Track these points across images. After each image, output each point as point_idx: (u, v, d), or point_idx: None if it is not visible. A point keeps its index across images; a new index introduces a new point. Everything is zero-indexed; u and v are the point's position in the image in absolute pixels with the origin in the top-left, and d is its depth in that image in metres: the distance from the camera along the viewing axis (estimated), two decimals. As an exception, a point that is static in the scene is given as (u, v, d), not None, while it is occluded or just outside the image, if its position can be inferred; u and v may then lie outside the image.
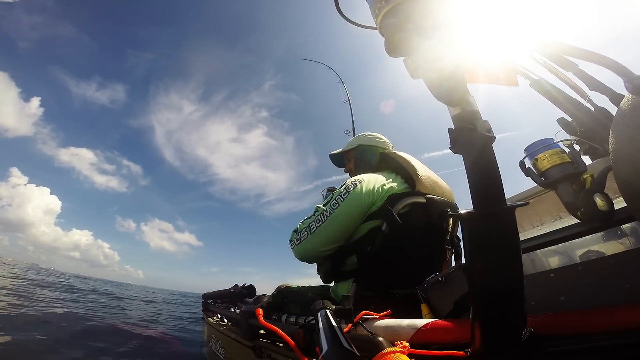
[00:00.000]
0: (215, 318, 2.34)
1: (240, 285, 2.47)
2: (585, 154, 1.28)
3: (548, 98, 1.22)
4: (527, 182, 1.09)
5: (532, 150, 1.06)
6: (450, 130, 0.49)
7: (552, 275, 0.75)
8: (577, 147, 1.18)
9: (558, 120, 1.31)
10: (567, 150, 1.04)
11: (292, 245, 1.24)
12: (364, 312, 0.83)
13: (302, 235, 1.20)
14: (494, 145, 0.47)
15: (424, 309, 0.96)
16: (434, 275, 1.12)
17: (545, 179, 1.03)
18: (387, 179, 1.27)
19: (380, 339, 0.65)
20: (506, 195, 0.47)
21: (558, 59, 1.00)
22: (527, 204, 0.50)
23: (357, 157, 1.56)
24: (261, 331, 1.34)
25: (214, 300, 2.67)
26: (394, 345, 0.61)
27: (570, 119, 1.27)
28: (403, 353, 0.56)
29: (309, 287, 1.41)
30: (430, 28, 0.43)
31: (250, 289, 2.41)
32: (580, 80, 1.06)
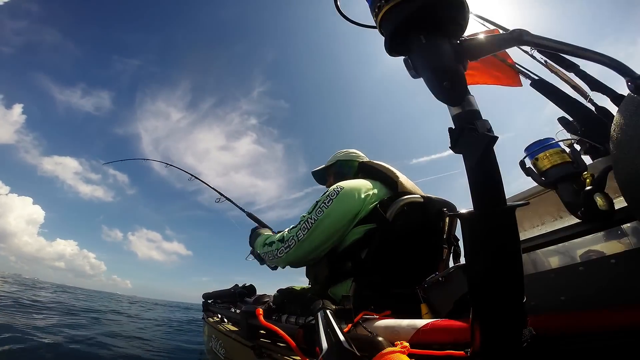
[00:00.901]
0: (215, 318, 2.34)
1: (240, 285, 2.47)
2: (585, 153, 1.28)
3: (549, 98, 1.22)
4: (526, 181, 1.09)
5: (533, 150, 1.06)
6: (450, 130, 0.48)
7: (552, 275, 0.74)
8: (578, 147, 1.18)
9: (559, 119, 1.31)
10: (568, 149, 1.04)
11: (280, 253, 1.26)
12: (363, 312, 0.83)
13: (290, 243, 1.23)
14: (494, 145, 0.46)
15: (424, 308, 0.96)
16: (433, 275, 1.12)
17: (545, 179, 1.03)
18: (369, 184, 1.30)
19: (381, 339, 0.65)
20: (506, 195, 0.47)
21: (559, 58, 1.00)
22: (528, 204, 0.50)
23: (336, 172, 1.65)
24: (261, 331, 1.34)
25: (214, 300, 2.68)
26: (394, 345, 0.61)
27: (570, 119, 1.27)
28: (403, 353, 0.56)
29: (310, 288, 1.41)
30: (431, 28, 0.43)
31: (250, 289, 2.41)
32: (582, 80, 1.05)
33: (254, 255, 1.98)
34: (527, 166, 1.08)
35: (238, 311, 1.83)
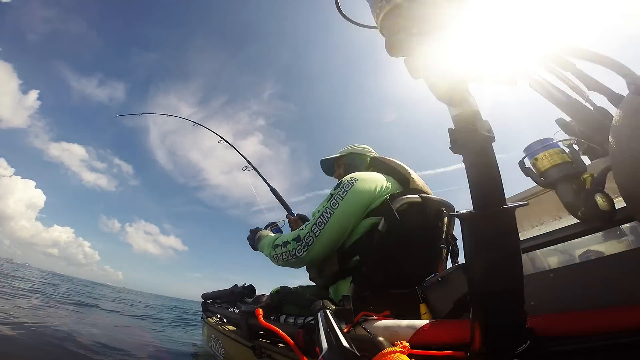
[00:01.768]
0: (215, 318, 2.34)
1: (240, 285, 2.47)
2: (584, 153, 1.28)
3: (547, 98, 1.23)
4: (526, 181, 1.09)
5: (532, 150, 1.06)
6: (450, 130, 0.48)
7: (552, 275, 0.75)
8: (577, 147, 1.18)
9: (557, 120, 1.31)
10: (567, 150, 1.04)
11: (300, 252, 1.19)
12: (363, 313, 0.83)
13: (308, 241, 1.18)
14: (494, 145, 0.47)
15: (423, 309, 0.97)
16: (433, 275, 1.12)
17: (545, 179, 1.03)
18: (382, 177, 1.29)
19: (381, 339, 0.65)
20: (506, 195, 0.47)
21: (557, 58, 1.00)
22: (527, 204, 0.50)
23: (347, 164, 1.63)
24: (261, 331, 1.34)
25: (213, 301, 2.67)
26: (393, 345, 0.61)
27: (569, 119, 1.27)
28: (403, 353, 0.56)
29: (307, 287, 1.41)
30: (431, 28, 0.43)
31: (250, 289, 2.40)
32: (579, 80, 1.06)
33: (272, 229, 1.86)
34: (527, 166, 1.09)
35: (237, 311, 1.83)
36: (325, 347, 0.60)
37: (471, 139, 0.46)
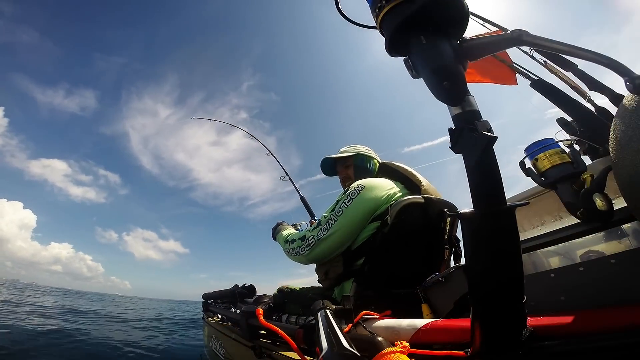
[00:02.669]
0: (215, 318, 2.34)
1: (240, 285, 2.47)
2: (585, 153, 1.28)
3: (548, 98, 1.23)
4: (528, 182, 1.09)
5: (532, 150, 1.06)
6: (450, 130, 0.49)
7: (552, 275, 0.75)
8: (577, 147, 1.18)
9: (558, 120, 1.31)
10: (567, 150, 1.04)
11: (302, 251, 1.26)
12: (364, 312, 0.83)
13: (311, 242, 1.24)
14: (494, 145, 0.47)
15: (425, 309, 0.97)
16: (434, 275, 1.12)
17: (545, 179, 1.03)
18: (390, 184, 1.31)
19: (380, 339, 0.65)
20: (506, 195, 0.47)
21: (558, 58, 1.00)
22: (527, 204, 0.50)
23: (357, 165, 1.58)
24: (261, 331, 1.34)
25: (214, 300, 2.67)
26: (394, 345, 0.61)
27: (570, 119, 1.27)
28: (403, 353, 0.56)
29: (311, 288, 1.41)
30: (431, 28, 0.43)
31: (251, 289, 2.40)
32: (580, 80, 1.06)
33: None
34: (527, 166, 1.08)
35: (238, 311, 1.83)
36: (325, 347, 0.60)
37: (471, 138, 0.46)
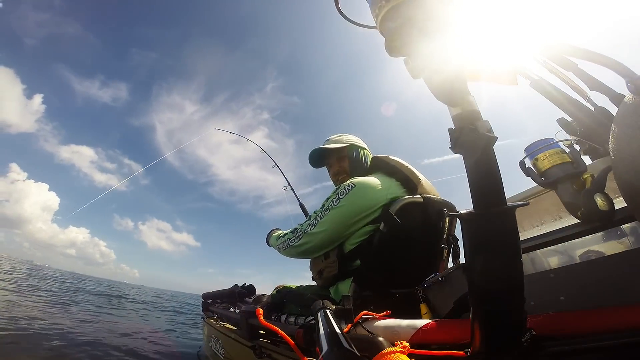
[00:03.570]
0: (215, 318, 2.34)
1: (240, 285, 2.47)
2: (585, 154, 1.28)
3: (548, 98, 1.22)
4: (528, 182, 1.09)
5: (533, 150, 1.06)
6: (450, 130, 0.48)
7: (552, 275, 0.75)
8: (577, 147, 1.18)
9: (558, 120, 1.31)
10: (568, 150, 1.04)
11: (292, 242, 1.28)
12: (363, 312, 0.83)
13: (300, 235, 1.25)
14: (494, 145, 0.46)
15: (424, 308, 0.97)
16: (433, 275, 1.12)
17: (545, 179, 1.03)
18: (385, 183, 1.24)
19: (380, 339, 0.65)
20: (506, 195, 0.47)
21: (558, 58, 1.00)
22: (527, 204, 0.50)
23: (351, 157, 1.49)
24: (261, 331, 1.34)
25: (213, 300, 2.68)
26: (394, 345, 0.61)
27: (570, 119, 1.27)
28: (403, 353, 0.56)
29: (308, 287, 1.41)
30: (430, 28, 0.43)
31: (250, 289, 2.41)
32: (581, 80, 1.05)
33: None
34: (527, 166, 1.09)
35: (238, 311, 1.83)
36: (325, 347, 0.60)
37: (471, 138, 0.46)
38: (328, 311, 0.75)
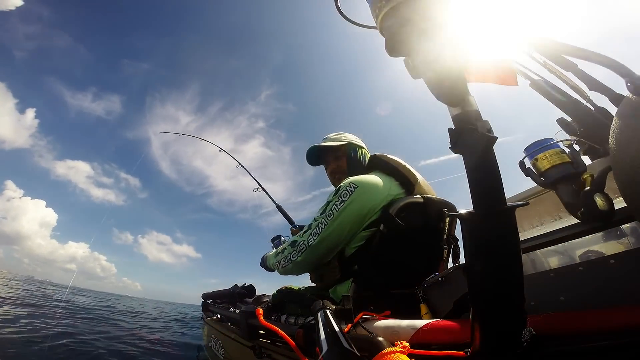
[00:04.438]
0: (215, 318, 2.34)
1: (239, 285, 2.47)
2: (585, 154, 1.28)
3: (548, 98, 1.22)
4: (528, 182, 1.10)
5: (532, 150, 1.06)
6: (450, 130, 0.48)
7: (552, 275, 0.75)
8: (577, 147, 1.18)
9: (558, 120, 1.31)
10: (567, 150, 1.04)
11: (293, 257, 1.20)
12: (363, 313, 0.83)
13: (302, 248, 1.18)
14: (494, 145, 0.47)
15: (424, 309, 0.97)
16: (433, 275, 1.12)
17: (545, 179, 1.03)
18: (386, 183, 1.23)
19: (380, 339, 0.65)
20: (506, 195, 0.47)
21: (558, 59, 1.00)
22: (527, 204, 0.50)
23: (349, 156, 1.47)
24: (261, 331, 1.34)
25: (213, 300, 2.67)
26: (394, 345, 0.61)
27: (570, 119, 1.27)
28: (403, 353, 0.56)
29: (309, 288, 1.41)
30: (431, 28, 0.43)
31: (250, 289, 2.41)
32: (580, 80, 1.06)
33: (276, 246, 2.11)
34: (527, 166, 1.09)
35: (238, 311, 1.83)
36: (325, 347, 0.60)
37: (471, 139, 0.46)
38: (328, 311, 0.75)
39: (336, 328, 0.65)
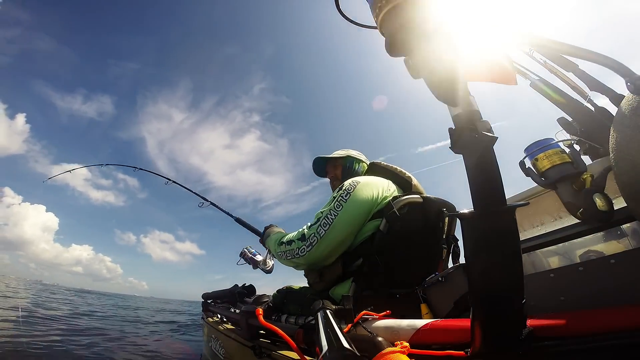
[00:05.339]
0: (215, 318, 2.34)
1: (240, 285, 2.46)
2: (585, 154, 1.28)
3: (548, 98, 1.23)
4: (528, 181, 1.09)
5: (532, 150, 1.06)
6: (450, 130, 0.48)
7: (552, 275, 0.75)
8: (577, 147, 1.18)
9: (558, 120, 1.31)
10: (567, 150, 1.04)
11: (302, 252, 1.20)
12: (363, 312, 0.83)
13: (312, 241, 1.18)
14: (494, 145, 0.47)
15: (424, 308, 0.97)
16: (433, 275, 1.12)
17: (545, 179, 1.03)
18: (385, 183, 1.31)
19: (380, 339, 0.65)
20: (506, 195, 0.47)
21: (558, 59, 1.00)
22: (527, 204, 0.50)
23: (345, 166, 1.61)
24: (261, 331, 1.34)
25: (213, 300, 2.67)
26: (394, 345, 0.61)
27: (570, 119, 1.27)
28: (403, 353, 0.56)
29: (309, 288, 1.41)
30: (431, 28, 0.43)
31: (250, 289, 2.40)
32: (581, 80, 1.06)
33: (246, 260, 2.17)
34: (527, 166, 1.08)
35: (238, 311, 1.83)
36: (325, 347, 0.60)
37: (471, 139, 0.46)
38: (328, 311, 0.75)
39: (336, 328, 0.65)
